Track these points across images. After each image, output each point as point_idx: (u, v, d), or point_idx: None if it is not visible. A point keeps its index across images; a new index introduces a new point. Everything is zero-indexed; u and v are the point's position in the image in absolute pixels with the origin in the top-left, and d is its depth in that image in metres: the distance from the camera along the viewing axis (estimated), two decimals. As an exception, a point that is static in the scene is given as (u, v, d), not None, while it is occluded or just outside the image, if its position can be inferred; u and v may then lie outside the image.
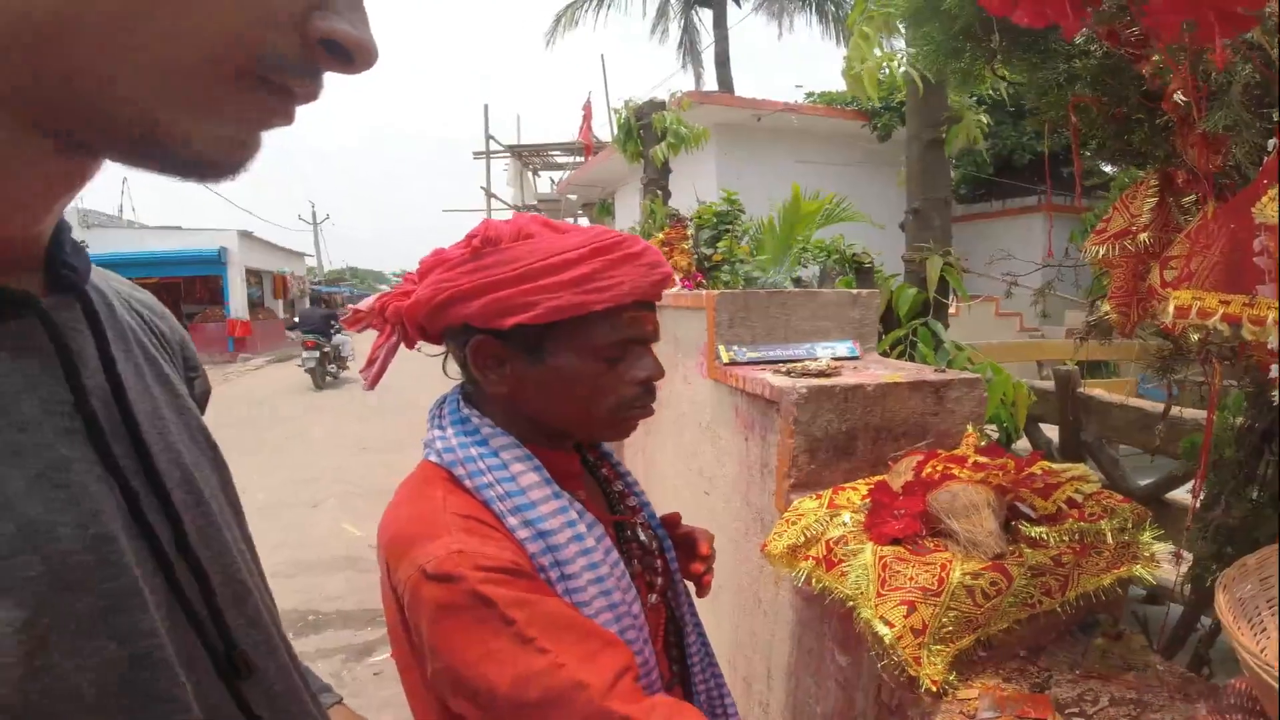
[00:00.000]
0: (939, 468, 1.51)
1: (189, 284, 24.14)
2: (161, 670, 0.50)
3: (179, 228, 24.27)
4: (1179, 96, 1.21)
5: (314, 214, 47.56)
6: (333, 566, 5.14)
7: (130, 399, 0.56)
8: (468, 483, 0.98)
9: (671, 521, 1.31)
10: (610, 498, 1.19)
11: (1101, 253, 1.43)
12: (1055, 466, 1.59)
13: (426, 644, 0.89)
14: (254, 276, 26.09)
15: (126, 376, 0.57)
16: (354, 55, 0.48)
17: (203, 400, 0.77)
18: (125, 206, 31.69)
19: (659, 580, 1.16)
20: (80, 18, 0.40)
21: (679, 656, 1.19)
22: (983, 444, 1.77)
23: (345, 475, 7.52)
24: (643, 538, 1.17)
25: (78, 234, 0.58)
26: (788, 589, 1.97)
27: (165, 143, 0.45)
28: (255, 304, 26.02)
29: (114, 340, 0.58)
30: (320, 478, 7.49)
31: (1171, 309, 1.16)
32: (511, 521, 0.95)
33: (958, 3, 1.61)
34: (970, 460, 1.51)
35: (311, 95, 0.49)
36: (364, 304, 1.13)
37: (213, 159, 0.47)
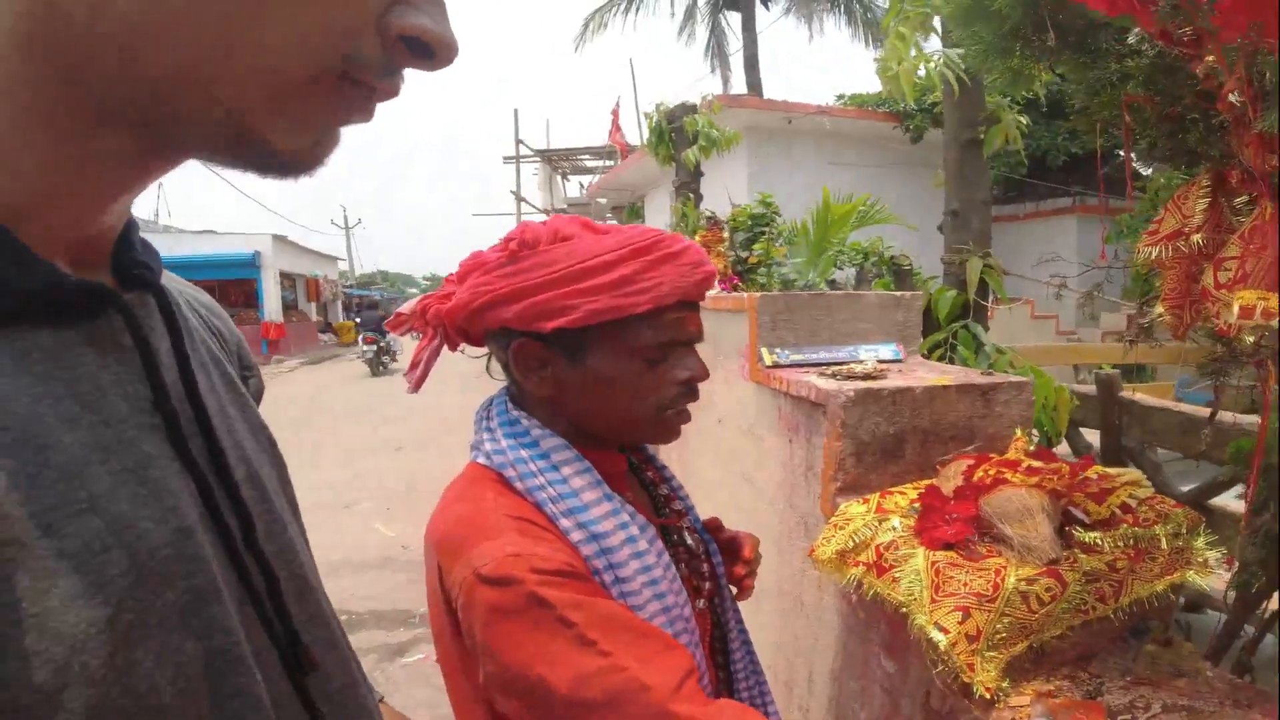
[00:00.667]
0: (991, 472, 1.49)
1: (224, 287, 24.47)
2: (238, 666, 0.50)
3: (214, 231, 24.63)
4: (1234, 96, 1.19)
5: (345, 218, 48.12)
6: (365, 567, 5.17)
7: (202, 397, 0.56)
8: (519, 485, 0.97)
9: (714, 526, 1.30)
10: (656, 501, 1.18)
11: (1155, 254, 1.42)
12: (1110, 471, 1.57)
13: (481, 647, 0.88)
14: (287, 280, 26.45)
15: (198, 374, 0.57)
16: (435, 51, 0.47)
17: (256, 399, 0.78)
18: (160, 211, 32.16)
19: (706, 585, 1.15)
20: (174, 23, 0.41)
21: (724, 663, 1.18)
22: (1031, 448, 1.74)
23: (377, 476, 7.57)
24: (689, 541, 1.16)
25: None
26: (832, 592, 1.95)
27: (253, 142, 0.45)
28: (289, 307, 26.39)
29: (185, 339, 0.58)
30: (353, 478, 7.54)
31: (1235, 309, 1.14)
32: (564, 524, 0.94)
33: (1008, 3, 1.59)
34: (1024, 464, 1.49)
35: (392, 92, 0.49)
36: (406, 307, 1.13)
37: (295, 156, 0.47)
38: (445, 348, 1.10)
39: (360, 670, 0.69)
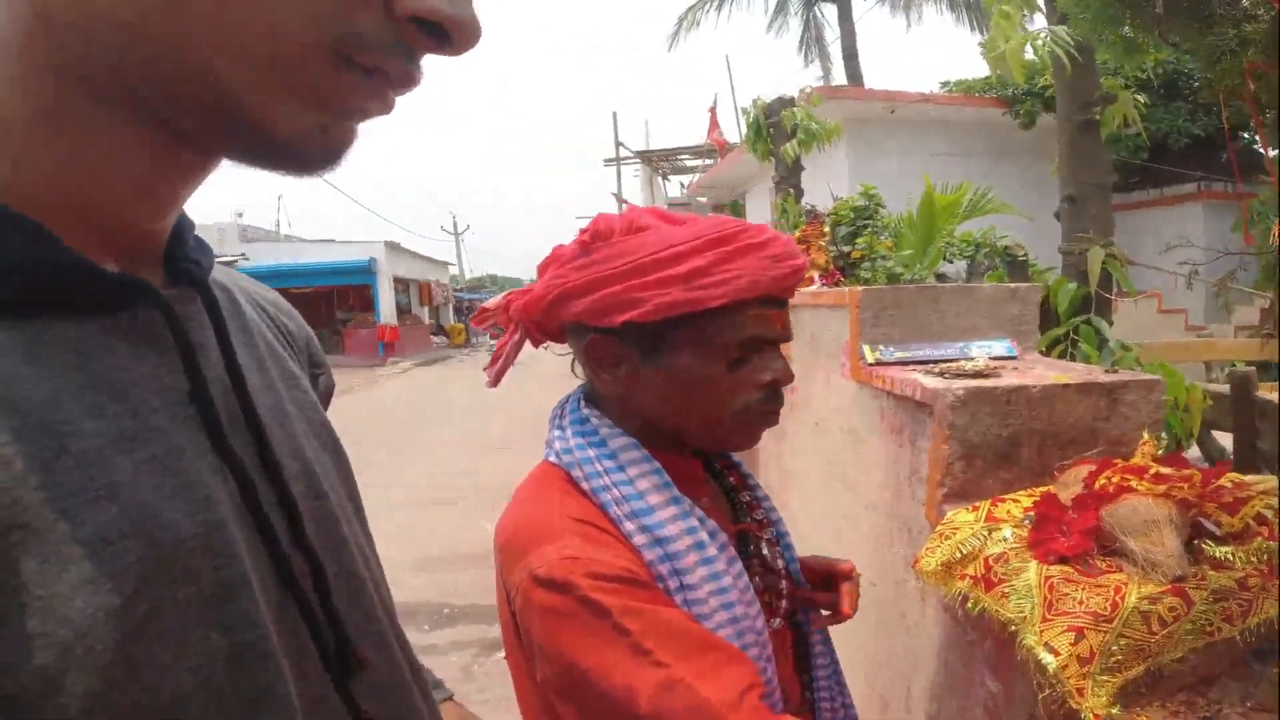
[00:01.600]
0: (1114, 479, 1.37)
1: (341, 292, 25.60)
2: (265, 663, 0.49)
3: (332, 240, 25.77)
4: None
5: (455, 224, 49.63)
6: (467, 562, 5.28)
7: (251, 391, 0.55)
8: (584, 485, 0.95)
9: (812, 567, 1.20)
10: (736, 508, 1.12)
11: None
12: (1245, 478, 1.43)
13: (537, 649, 0.86)
14: (401, 285, 27.47)
15: (248, 370, 0.57)
16: (450, 33, 0.45)
17: (326, 396, 0.77)
18: (281, 222, 33.90)
19: (783, 604, 1.08)
20: (153, 8, 0.41)
21: (809, 683, 1.12)
22: (1159, 452, 1.61)
23: (483, 473, 7.73)
24: (766, 553, 1.09)
25: (238, 248, 0.59)
26: (934, 605, 1.85)
27: (251, 126, 0.44)
28: (403, 310, 27.42)
29: (235, 334, 0.57)
30: (460, 475, 7.75)
31: None
32: (628, 526, 0.91)
33: (1119, -34, 1.48)
34: (1151, 471, 1.37)
35: (408, 79, 0.47)
36: (491, 303, 1.12)
37: (299, 146, 0.46)
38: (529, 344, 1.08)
39: (415, 670, 0.67)
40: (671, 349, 0.94)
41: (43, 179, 0.45)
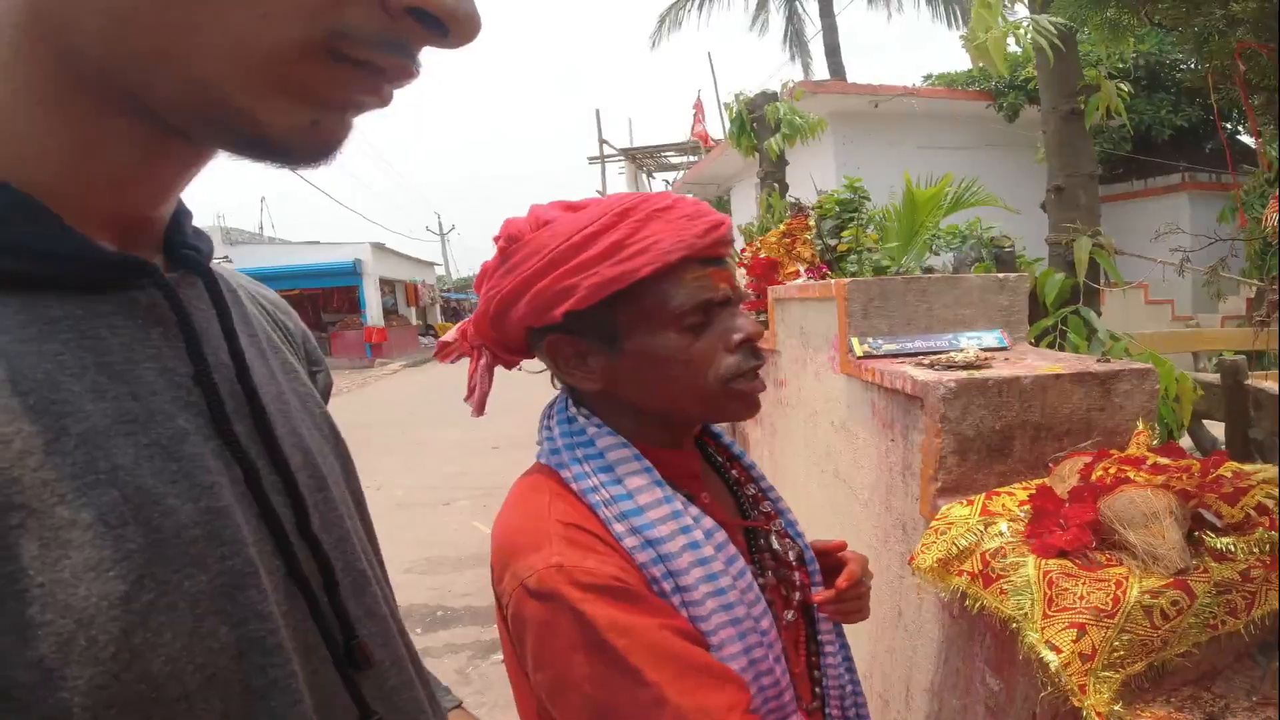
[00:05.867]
0: (1111, 470, 1.35)
1: (327, 294, 25.47)
2: (273, 656, 0.47)
3: (317, 242, 25.64)
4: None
5: (440, 225, 49.61)
6: (463, 564, 5.26)
7: (255, 379, 0.54)
8: (574, 486, 0.93)
9: (823, 549, 1.18)
10: (741, 502, 1.10)
11: (1282, 221, 1.26)
12: (1244, 468, 1.41)
13: (530, 656, 0.85)
14: (387, 286, 27.39)
15: (251, 358, 0.56)
16: (448, 26, 0.44)
17: (324, 394, 0.76)
18: (265, 224, 33.81)
19: (796, 595, 1.05)
20: (139, 5, 0.40)
21: (820, 677, 1.08)
22: (1155, 442, 1.59)
23: (476, 474, 7.71)
24: (777, 547, 1.07)
25: (221, 251, 0.57)
26: (932, 602, 1.83)
27: (240, 123, 0.43)
28: (389, 312, 27.35)
29: (238, 322, 0.57)
30: (453, 476, 7.71)
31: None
32: (618, 529, 0.89)
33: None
34: (1149, 461, 1.35)
35: (405, 73, 0.46)
36: (449, 335, 1.11)
37: (291, 142, 0.45)
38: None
39: (421, 672, 0.66)
40: (630, 332, 0.93)
41: (39, 160, 0.45)
